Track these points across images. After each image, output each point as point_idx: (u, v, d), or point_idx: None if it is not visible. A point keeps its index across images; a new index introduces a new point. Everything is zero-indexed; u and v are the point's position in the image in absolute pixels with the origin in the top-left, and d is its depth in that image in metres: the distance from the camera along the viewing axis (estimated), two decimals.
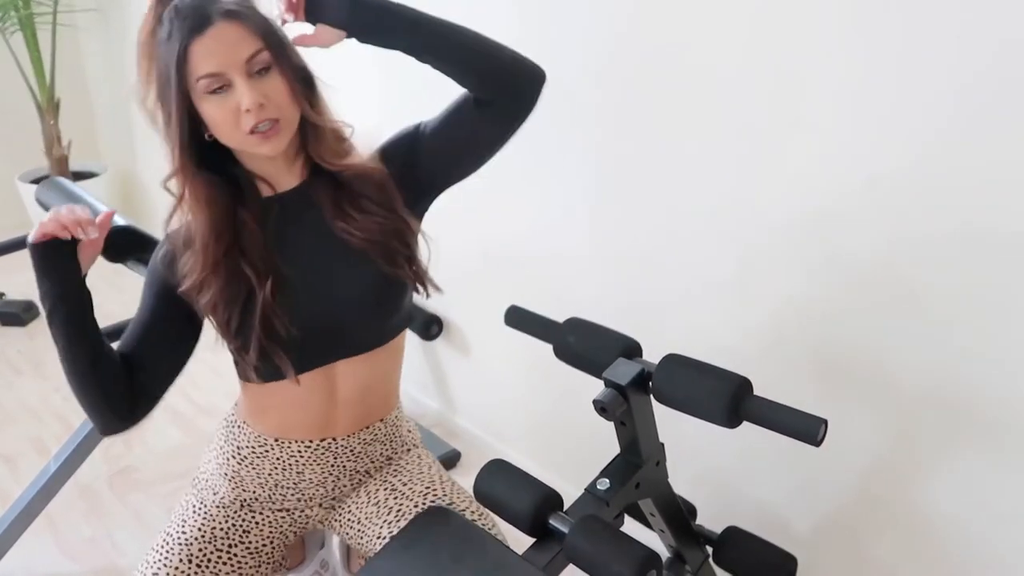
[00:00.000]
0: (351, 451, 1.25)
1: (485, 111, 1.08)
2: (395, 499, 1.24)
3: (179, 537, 1.20)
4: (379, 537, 1.21)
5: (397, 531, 1.18)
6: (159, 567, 1.17)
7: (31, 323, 3.17)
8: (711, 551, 1.48)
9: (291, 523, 1.29)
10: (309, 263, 1.14)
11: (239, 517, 1.25)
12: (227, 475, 1.27)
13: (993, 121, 1.14)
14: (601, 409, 1.17)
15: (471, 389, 2.40)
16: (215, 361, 1.22)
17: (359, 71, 2.09)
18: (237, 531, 1.24)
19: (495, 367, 2.25)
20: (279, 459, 1.23)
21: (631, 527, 1.33)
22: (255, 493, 1.26)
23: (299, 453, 1.23)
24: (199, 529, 1.22)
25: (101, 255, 1.14)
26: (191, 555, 1.18)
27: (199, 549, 1.19)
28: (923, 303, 1.29)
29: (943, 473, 1.35)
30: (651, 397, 1.20)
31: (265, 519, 1.26)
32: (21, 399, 2.71)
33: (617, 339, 1.26)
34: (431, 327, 2.34)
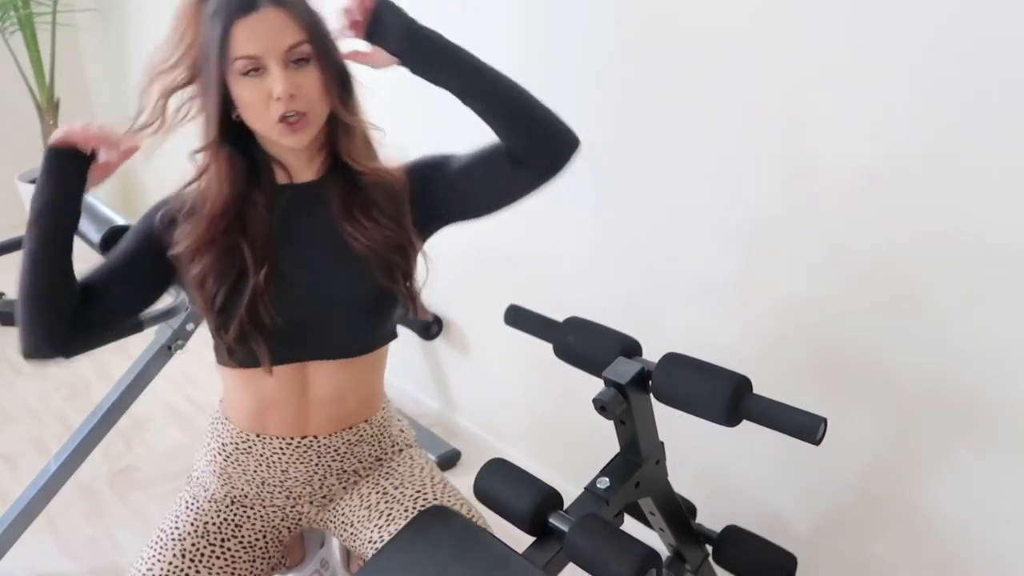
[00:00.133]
0: (335, 451, 1.25)
1: (515, 164, 1.10)
2: (386, 503, 1.24)
3: (172, 533, 1.21)
4: (371, 541, 1.21)
5: (388, 535, 1.18)
6: (153, 563, 1.17)
7: None
8: (711, 550, 1.48)
9: (283, 519, 1.29)
10: (308, 259, 1.14)
11: (231, 512, 1.25)
12: (215, 472, 1.27)
13: (994, 121, 1.15)
14: (601, 408, 1.18)
15: (471, 388, 2.40)
16: (215, 361, 1.22)
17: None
18: (229, 526, 1.24)
19: (495, 366, 2.25)
20: (263, 455, 1.24)
21: (631, 526, 1.33)
22: (243, 490, 1.27)
23: (281, 451, 1.23)
24: (192, 524, 1.22)
25: (99, 252, 1.15)
26: (184, 550, 1.18)
27: (192, 544, 1.20)
28: (923, 303, 1.29)
29: (943, 473, 1.35)
30: (651, 396, 1.20)
31: (257, 514, 1.27)
32: (21, 399, 2.71)
33: (617, 338, 1.26)
34: (431, 327, 2.34)
